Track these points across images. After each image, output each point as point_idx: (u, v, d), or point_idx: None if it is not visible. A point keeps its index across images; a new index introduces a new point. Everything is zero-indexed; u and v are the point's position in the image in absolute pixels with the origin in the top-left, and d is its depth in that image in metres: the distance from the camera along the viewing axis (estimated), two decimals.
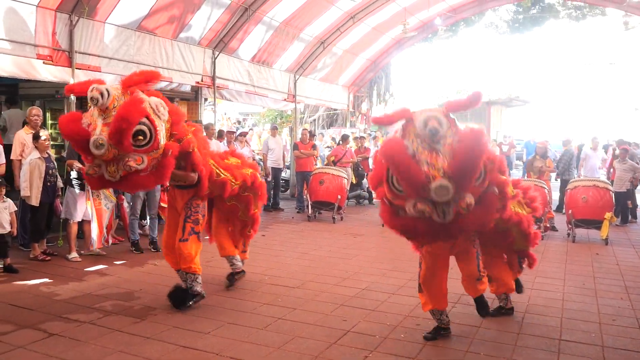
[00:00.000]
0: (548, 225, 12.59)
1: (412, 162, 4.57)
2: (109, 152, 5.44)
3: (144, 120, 5.55)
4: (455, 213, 4.67)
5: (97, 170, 5.68)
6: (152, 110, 5.69)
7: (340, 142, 17.32)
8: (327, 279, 8.35)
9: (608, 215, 11.52)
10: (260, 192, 7.86)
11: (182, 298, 6.77)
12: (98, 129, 5.42)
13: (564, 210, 13.23)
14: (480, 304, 6.08)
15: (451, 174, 4.50)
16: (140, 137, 5.52)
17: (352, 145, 17.54)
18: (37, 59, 9.66)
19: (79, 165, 8.91)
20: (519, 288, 7.00)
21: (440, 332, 6.05)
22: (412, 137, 4.70)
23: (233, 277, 7.79)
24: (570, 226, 11.96)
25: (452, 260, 6.05)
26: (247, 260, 8.19)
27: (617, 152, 15.15)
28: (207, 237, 7.93)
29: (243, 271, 7.90)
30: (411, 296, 7.15)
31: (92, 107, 5.57)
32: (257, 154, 17.89)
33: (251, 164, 8.29)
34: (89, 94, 5.48)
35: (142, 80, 5.83)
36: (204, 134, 12.63)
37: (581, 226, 11.89)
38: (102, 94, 5.44)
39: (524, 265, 6.96)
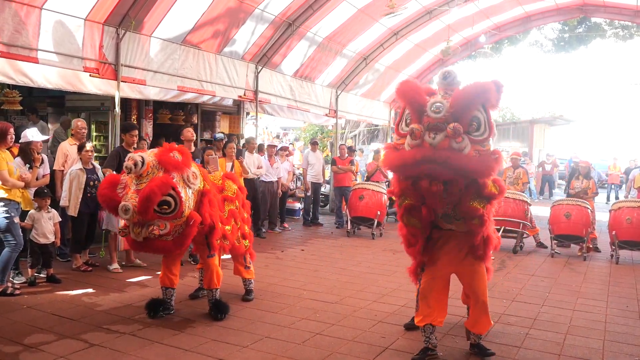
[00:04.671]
0: (591, 246, 12.37)
1: None
2: (134, 217, 5.96)
3: (171, 192, 5.99)
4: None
5: (126, 232, 6.27)
6: (182, 182, 6.18)
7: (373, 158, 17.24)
8: (366, 295, 8.32)
9: None
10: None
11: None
12: (129, 194, 5.96)
13: None
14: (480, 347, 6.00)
15: None
16: (165, 207, 6.02)
17: None
18: (84, 71, 9.80)
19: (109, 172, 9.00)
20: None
21: (427, 354, 5.72)
22: None
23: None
24: (613, 247, 11.71)
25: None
26: (285, 274, 8.15)
27: None
28: None
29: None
30: (450, 314, 7.03)
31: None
32: (297, 168, 17.95)
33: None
34: (125, 164, 6.01)
35: (172, 165, 6.14)
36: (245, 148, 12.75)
37: (625, 248, 11.65)
38: (135, 164, 5.92)
39: None
